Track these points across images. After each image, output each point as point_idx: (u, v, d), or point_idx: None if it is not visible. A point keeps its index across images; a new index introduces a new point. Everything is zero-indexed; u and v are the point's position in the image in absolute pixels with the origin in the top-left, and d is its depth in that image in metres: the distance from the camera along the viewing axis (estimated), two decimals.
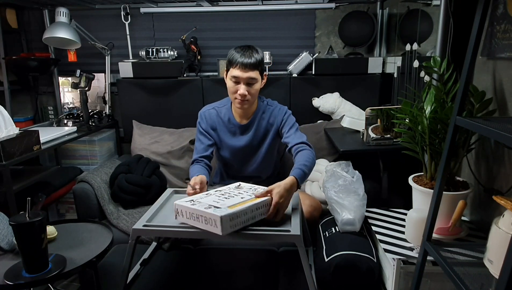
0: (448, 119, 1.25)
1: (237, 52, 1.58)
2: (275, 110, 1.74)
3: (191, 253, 1.69)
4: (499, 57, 1.30)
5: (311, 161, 1.50)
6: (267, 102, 1.77)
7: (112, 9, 2.53)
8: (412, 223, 1.35)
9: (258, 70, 1.59)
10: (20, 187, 1.71)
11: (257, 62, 1.57)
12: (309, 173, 1.47)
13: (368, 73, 2.36)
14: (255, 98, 1.67)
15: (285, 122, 1.71)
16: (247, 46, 1.61)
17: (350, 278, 1.36)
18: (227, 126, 1.75)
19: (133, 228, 1.19)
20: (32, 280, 1.11)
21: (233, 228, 1.11)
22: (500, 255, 0.89)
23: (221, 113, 1.76)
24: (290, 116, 1.73)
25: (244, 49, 1.58)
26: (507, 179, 1.27)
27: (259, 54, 1.60)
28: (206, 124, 1.75)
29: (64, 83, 2.65)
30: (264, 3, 2.47)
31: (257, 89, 1.62)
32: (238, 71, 1.56)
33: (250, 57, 1.56)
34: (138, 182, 1.96)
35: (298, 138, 1.62)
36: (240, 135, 1.76)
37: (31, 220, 1.09)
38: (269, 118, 1.74)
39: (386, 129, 1.82)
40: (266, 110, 1.74)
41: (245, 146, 1.76)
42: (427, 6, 2.23)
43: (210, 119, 1.75)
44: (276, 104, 1.77)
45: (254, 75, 1.58)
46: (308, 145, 1.59)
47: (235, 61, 1.57)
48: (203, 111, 1.78)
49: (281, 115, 1.72)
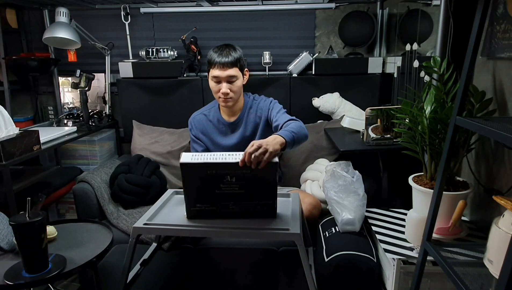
0: (448, 119, 1.24)
1: (215, 52, 1.64)
2: (261, 102, 1.79)
3: (191, 253, 1.69)
4: (499, 57, 1.30)
5: (299, 126, 1.51)
6: (253, 97, 1.82)
7: (112, 9, 2.53)
8: (412, 223, 1.35)
9: (237, 67, 1.64)
10: (20, 187, 1.71)
11: (234, 60, 1.62)
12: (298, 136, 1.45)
13: (368, 73, 2.36)
14: (239, 94, 1.71)
15: (272, 109, 1.75)
16: (225, 44, 1.66)
17: (350, 278, 1.36)
18: (217, 127, 1.80)
19: (133, 226, 1.19)
20: (32, 280, 1.11)
21: None
22: (500, 255, 0.89)
23: (209, 116, 1.81)
24: (275, 103, 1.78)
25: (221, 48, 1.64)
26: (507, 179, 1.27)
27: (237, 51, 1.65)
28: (196, 131, 1.81)
29: (64, 83, 2.65)
30: (264, 3, 2.47)
31: (239, 86, 1.68)
32: (217, 70, 1.63)
33: (228, 55, 1.61)
34: (138, 182, 1.96)
35: (286, 117, 1.63)
36: (231, 133, 1.80)
37: (31, 220, 1.09)
38: (256, 111, 1.78)
39: (386, 129, 1.82)
40: (253, 104, 1.79)
41: (238, 143, 1.79)
42: (427, 6, 2.23)
43: (199, 124, 1.81)
44: (262, 97, 1.82)
45: (234, 73, 1.63)
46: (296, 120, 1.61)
47: (213, 61, 1.63)
48: (192, 118, 1.84)
49: (267, 105, 1.77)
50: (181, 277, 1.65)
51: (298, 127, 1.50)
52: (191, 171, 1.17)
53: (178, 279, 1.63)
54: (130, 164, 2.06)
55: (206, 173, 1.17)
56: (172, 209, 1.37)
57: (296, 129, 1.46)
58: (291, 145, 1.41)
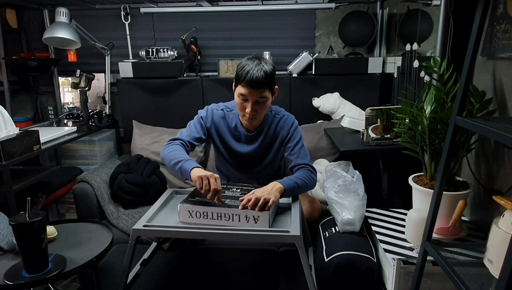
0: (448, 119, 1.25)
1: (246, 66, 1.43)
2: (281, 119, 1.63)
3: (191, 253, 1.69)
4: (499, 57, 1.30)
5: (307, 178, 1.46)
6: (274, 111, 1.66)
7: (112, 9, 2.53)
8: (412, 223, 1.35)
9: (268, 88, 1.45)
10: (20, 187, 1.71)
11: (266, 81, 1.42)
12: (301, 187, 1.43)
13: (368, 73, 2.36)
14: (264, 114, 1.56)
15: (291, 136, 1.61)
16: (257, 61, 1.44)
17: (350, 278, 1.36)
18: (232, 132, 1.65)
19: (133, 228, 1.19)
20: (32, 280, 1.11)
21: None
22: (500, 255, 0.89)
23: (228, 118, 1.64)
24: (296, 129, 1.63)
25: (254, 66, 1.42)
26: (507, 179, 1.27)
27: (269, 68, 1.44)
28: (210, 122, 1.63)
29: (64, 83, 2.65)
30: (264, 3, 2.47)
31: (267, 106, 1.51)
32: (246, 89, 1.43)
33: (259, 76, 1.40)
34: (138, 182, 1.96)
35: (302, 159, 1.55)
36: (244, 143, 1.66)
37: (31, 220, 1.09)
38: (275, 127, 1.63)
39: (386, 129, 1.82)
40: (274, 119, 1.64)
41: (249, 154, 1.66)
42: (427, 6, 2.23)
43: (216, 118, 1.63)
44: (283, 113, 1.66)
45: (264, 94, 1.45)
46: (311, 167, 1.53)
47: (243, 79, 1.42)
48: (212, 108, 1.65)
49: (288, 127, 1.62)
50: (181, 277, 1.65)
51: (306, 180, 1.45)
52: None
53: (178, 279, 1.63)
54: (130, 164, 2.06)
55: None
56: (172, 209, 1.37)
57: (301, 182, 1.43)
58: (289, 195, 1.39)
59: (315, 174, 1.52)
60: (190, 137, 1.57)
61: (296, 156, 1.56)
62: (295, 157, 1.56)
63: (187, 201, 1.26)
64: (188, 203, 1.24)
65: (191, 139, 1.57)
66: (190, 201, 1.26)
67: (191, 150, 1.59)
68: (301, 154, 1.57)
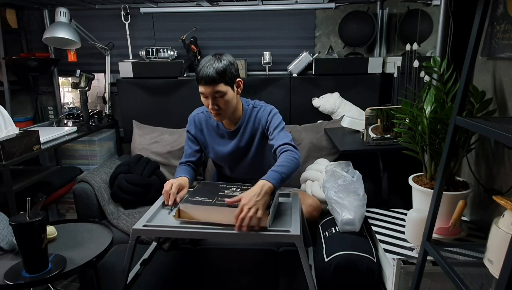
0: (448, 119, 1.25)
1: (201, 64, 1.48)
2: (259, 111, 1.66)
3: (191, 253, 1.69)
4: (499, 57, 1.30)
5: (290, 160, 1.42)
6: (252, 104, 1.69)
7: (112, 9, 2.53)
8: (412, 223, 1.35)
9: (222, 83, 1.47)
10: (20, 187, 1.71)
11: (218, 76, 1.44)
12: (288, 173, 1.38)
13: (368, 73, 2.36)
14: (231, 107, 1.56)
15: (270, 122, 1.62)
16: (211, 57, 1.49)
17: (350, 278, 1.36)
18: (216, 132, 1.71)
19: (133, 228, 1.19)
20: (32, 280, 1.11)
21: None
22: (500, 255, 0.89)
23: (210, 119, 1.70)
24: (274, 115, 1.63)
25: (206, 63, 1.46)
26: (507, 179, 1.27)
27: (221, 62, 1.46)
28: (195, 130, 1.71)
29: (64, 83, 2.65)
30: (264, 3, 2.47)
31: (228, 100, 1.51)
32: (202, 87, 1.48)
33: (209, 72, 1.44)
34: (138, 182, 1.96)
35: (282, 139, 1.53)
36: (228, 139, 1.71)
37: (31, 220, 1.09)
38: (254, 120, 1.66)
39: (386, 129, 1.82)
40: (252, 113, 1.67)
41: (232, 151, 1.70)
42: (427, 6, 2.23)
43: (199, 123, 1.71)
44: (261, 105, 1.69)
45: (219, 88, 1.47)
46: (292, 146, 1.50)
47: (197, 76, 1.48)
48: (193, 116, 1.73)
49: (266, 116, 1.63)
50: (181, 277, 1.65)
51: (290, 164, 1.41)
52: None
53: (178, 279, 1.63)
54: (130, 164, 2.06)
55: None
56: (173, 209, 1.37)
57: (286, 169, 1.38)
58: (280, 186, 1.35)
59: (297, 152, 1.48)
60: (187, 156, 1.72)
61: (276, 139, 1.55)
62: (275, 140, 1.54)
63: (187, 201, 1.26)
64: (188, 203, 1.25)
65: (188, 157, 1.71)
66: (190, 201, 1.26)
67: (197, 163, 1.75)
68: (280, 136, 1.55)
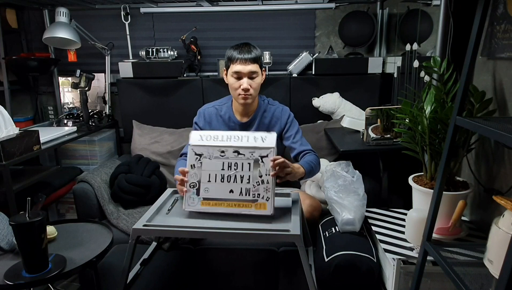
0: (448, 119, 1.25)
1: (235, 49, 1.63)
2: (277, 110, 1.76)
3: (191, 253, 1.69)
4: (499, 57, 1.30)
5: (317, 162, 1.64)
6: (268, 101, 1.79)
7: (112, 9, 2.53)
8: (412, 223, 1.35)
9: (258, 64, 1.63)
10: (20, 187, 1.71)
11: (256, 57, 1.62)
12: (314, 171, 1.60)
13: (368, 73, 2.36)
14: (257, 92, 1.70)
15: (290, 126, 1.75)
16: (244, 43, 1.65)
17: (350, 278, 1.36)
18: (227, 124, 1.76)
19: (133, 228, 1.19)
20: (32, 280, 1.11)
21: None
22: (500, 255, 0.89)
23: (221, 111, 1.76)
24: (294, 119, 1.77)
25: (242, 46, 1.63)
26: (507, 179, 1.27)
27: (257, 49, 1.65)
28: (204, 122, 1.76)
29: (64, 83, 2.65)
30: (264, 3, 2.47)
31: (258, 83, 1.66)
32: (238, 66, 1.60)
33: (249, 52, 1.61)
34: (138, 182, 1.96)
35: (306, 146, 1.71)
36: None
37: (31, 220, 1.09)
38: (271, 117, 1.75)
39: (386, 129, 1.82)
40: (268, 109, 1.76)
41: None
42: (427, 6, 2.23)
43: (209, 118, 1.76)
44: (278, 104, 1.79)
45: (255, 69, 1.62)
46: (315, 152, 1.70)
47: (234, 57, 1.61)
48: (203, 109, 1.78)
49: (285, 118, 1.75)
50: (181, 277, 1.65)
51: (316, 163, 1.63)
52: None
53: (178, 279, 1.63)
54: (130, 164, 2.06)
55: None
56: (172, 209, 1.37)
57: (314, 166, 1.61)
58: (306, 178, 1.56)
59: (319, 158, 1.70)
60: None
61: (300, 143, 1.72)
62: (299, 145, 1.72)
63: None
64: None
65: None
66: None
67: None
68: (303, 141, 1.74)
